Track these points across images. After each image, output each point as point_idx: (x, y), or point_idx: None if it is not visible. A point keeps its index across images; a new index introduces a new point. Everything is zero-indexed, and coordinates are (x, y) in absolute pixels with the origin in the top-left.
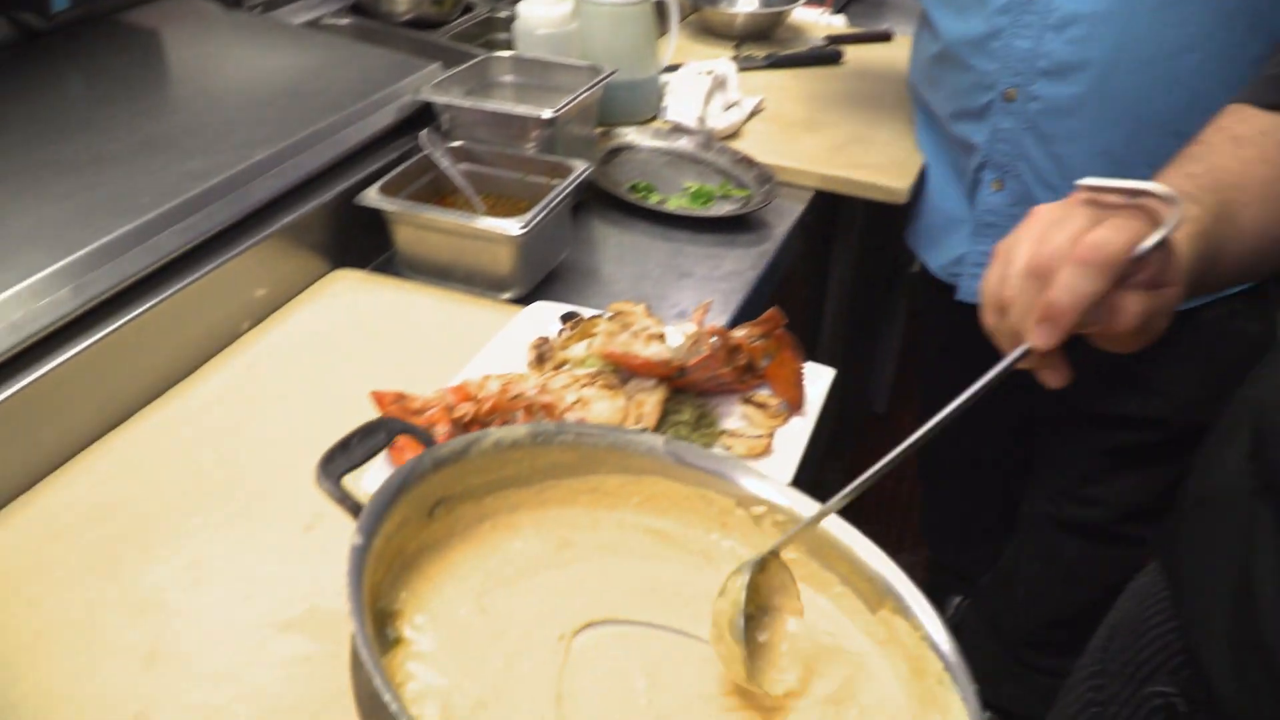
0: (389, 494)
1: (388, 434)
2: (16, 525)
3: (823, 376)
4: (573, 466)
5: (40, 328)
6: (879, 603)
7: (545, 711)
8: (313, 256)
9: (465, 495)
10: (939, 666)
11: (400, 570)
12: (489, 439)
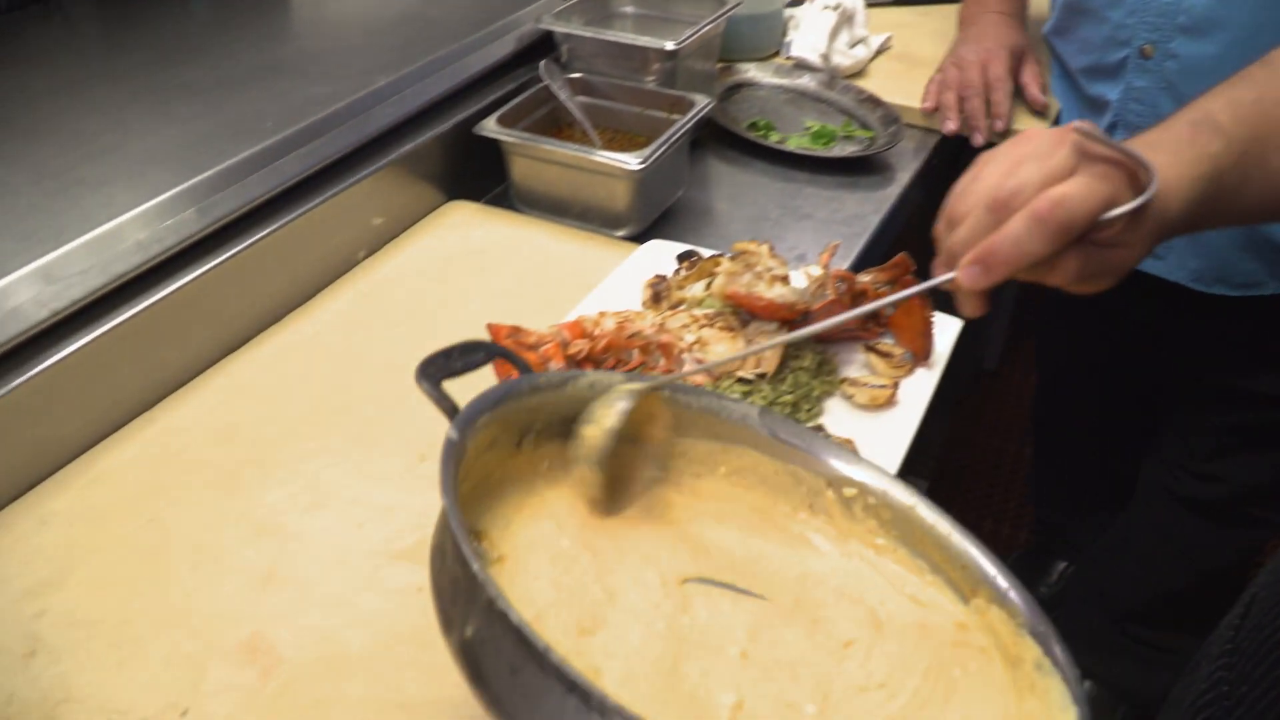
0: (488, 402)
1: (487, 354)
2: (138, 444)
3: (950, 327)
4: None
5: (165, 248)
6: (972, 591)
7: (648, 646)
8: (429, 187)
9: (553, 433)
10: (1037, 652)
11: (484, 494)
12: (585, 379)
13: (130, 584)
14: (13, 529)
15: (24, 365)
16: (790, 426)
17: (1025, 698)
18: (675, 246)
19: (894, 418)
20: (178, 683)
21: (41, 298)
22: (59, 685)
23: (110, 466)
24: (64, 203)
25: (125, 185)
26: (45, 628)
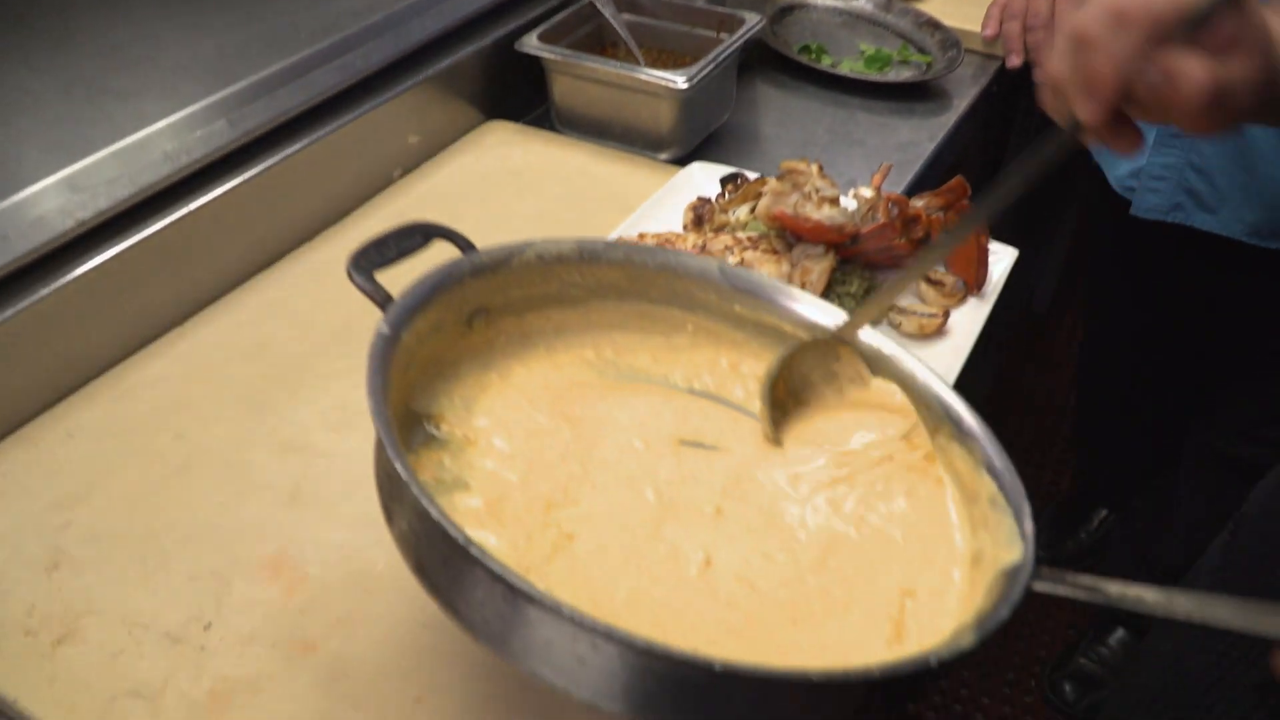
0: (422, 291)
1: (425, 236)
2: (167, 359)
3: (1005, 257)
4: (622, 288)
5: (194, 160)
6: (935, 429)
7: (629, 513)
8: (467, 105)
9: (506, 308)
10: (992, 489)
11: (438, 376)
12: (531, 250)
13: (156, 498)
14: (39, 442)
15: (50, 276)
16: (750, 277)
17: (979, 532)
18: (719, 169)
19: (942, 348)
20: (201, 597)
21: (68, 207)
22: (81, 597)
23: (138, 381)
24: (92, 113)
25: (155, 96)
26: (69, 540)
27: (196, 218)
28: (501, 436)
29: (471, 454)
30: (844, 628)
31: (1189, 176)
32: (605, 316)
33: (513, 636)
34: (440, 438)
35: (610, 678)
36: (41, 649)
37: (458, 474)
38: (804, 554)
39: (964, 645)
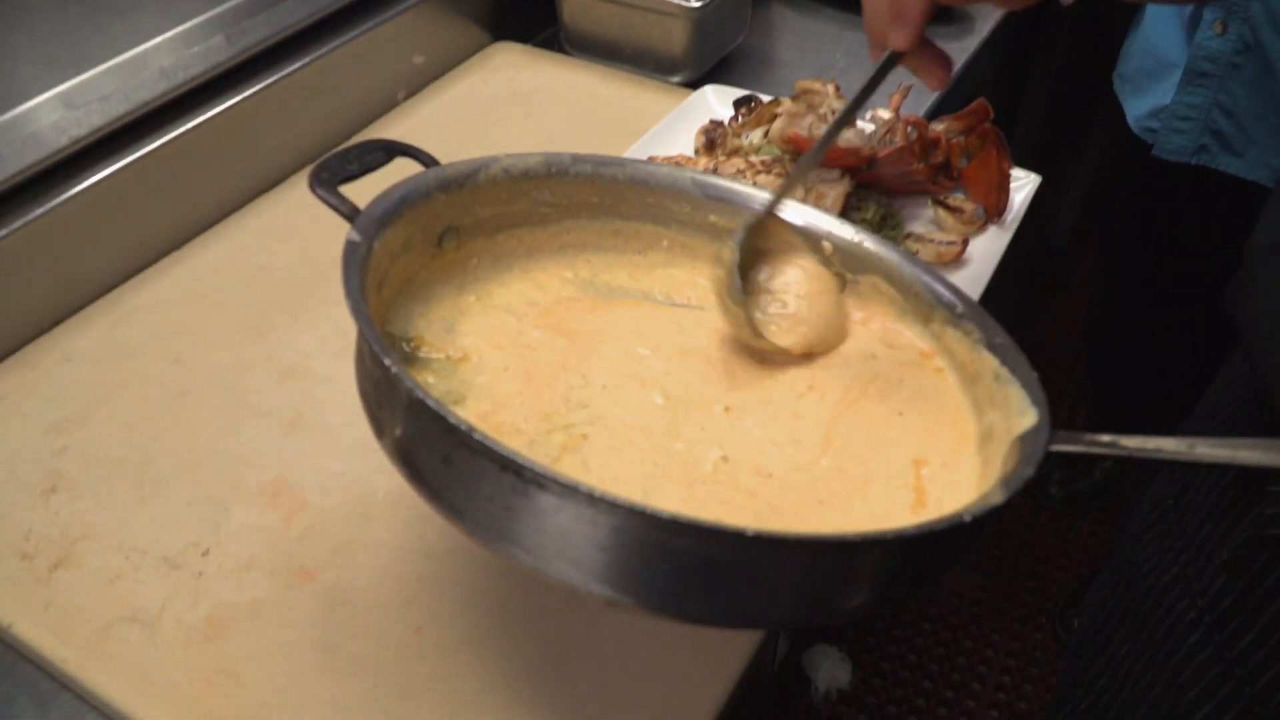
0: (389, 203)
1: (387, 152)
2: (166, 282)
3: (1026, 183)
4: (593, 205)
5: (190, 76)
6: (928, 317)
7: (639, 415)
8: (474, 26)
9: (475, 228)
10: (995, 364)
11: (411, 298)
12: (498, 164)
13: (154, 423)
14: (37, 365)
15: (45, 195)
16: (723, 185)
17: (985, 411)
18: (733, 92)
19: (960, 277)
20: (199, 523)
21: (62, 124)
22: (78, 522)
23: (136, 305)
24: (88, 28)
25: (152, 10)
26: (66, 464)
27: (194, 137)
28: (493, 352)
29: (465, 370)
30: (868, 501)
31: (1216, 117)
32: (578, 236)
33: (526, 531)
34: (422, 358)
35: (638, 564)
36: (38, 573)
37: (448, 390)
38: (812, 440)
39: (994, 501)
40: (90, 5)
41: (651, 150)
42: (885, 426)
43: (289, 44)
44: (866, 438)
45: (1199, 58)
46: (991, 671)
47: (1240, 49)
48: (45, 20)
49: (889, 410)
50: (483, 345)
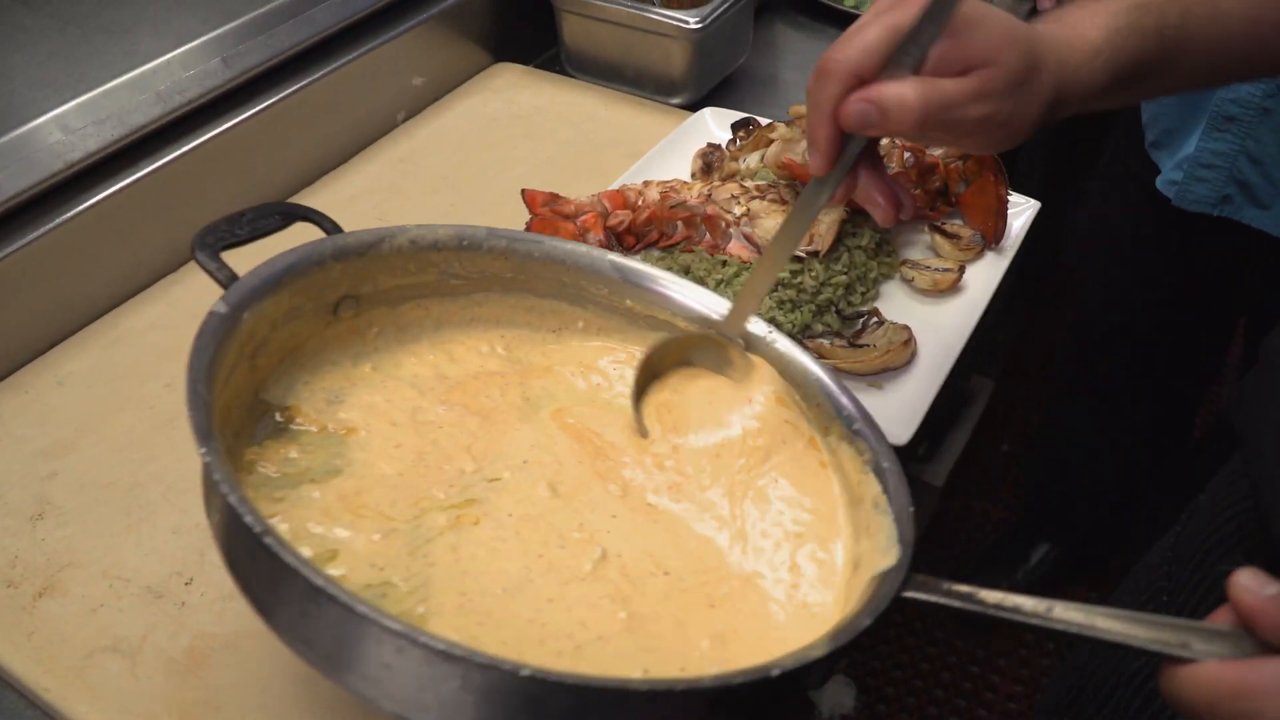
0: (271, 272)
1: (284, 217)
2: (160, 306)
3: (1025, 209)
4: (506, 280)
5: (187, 100)
6: (826, 429)
7: (523, 504)
8: (474, 47)
9: (377, 298)
10: (876, 490)
11: (296, 366)
12: (405, 235)
13: (144, 449)
14: (29, 388)
15: (41, 218)
16: (642, 271)
17: (861, 538)
18: (732, 115)
19: (957, 305)
20: (184, 551)
21: (58, 147)
22: (64, 549)
23: (131, 328)
24: (86, 50)
25: (150, 32)
26: (55, 490)
27: (190, 160)
28: (385, 428)
29: (348, 445)
30: (757, 602)
31: (1242, 165)
32: (490, 310)
33: (315, 634)
34: (293, 430)
35: (419, 686)
36: (22, 601)
37: (314, 465)
38: (690, 559)
39: (813, 655)
40: (88, 27)
41: (648, 174)
42: (778, 516)
43: (287, 66)
44: (763, 528)
45: (1226, 101)
46: (998, 697)
47: (1272, 92)
48: (43, 42)
49: (781, 499)
50: (374, 420)
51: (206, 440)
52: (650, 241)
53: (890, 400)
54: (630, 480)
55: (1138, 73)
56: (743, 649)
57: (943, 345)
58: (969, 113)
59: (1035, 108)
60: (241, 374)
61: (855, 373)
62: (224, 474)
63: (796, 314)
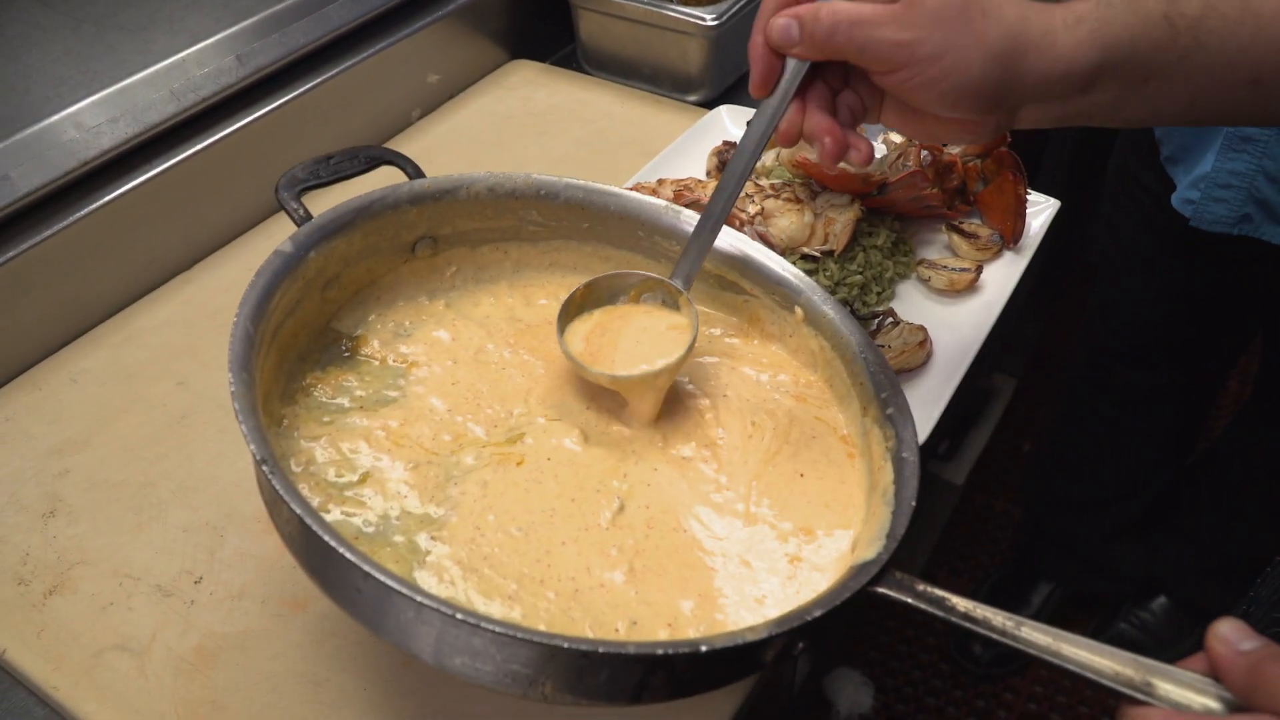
0: (343, 215)
1: (368, 161)
2: (173, 304)
3: (1045, 208)
4: (583, 231)
5: (201, 98)
6: (864, 409)
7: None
8: (490, 44)
9: (456, 239)
10: (889, 479)
11: (372, 299)
12: (483, 182)
13: (155, 447)
14: (43, 386)
15: (55, 217)
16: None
17: (869, 522)
18: (748, 112)
19: (974, 305)
20: (194, 549)
21: (71, 146)
22: (75, 547)
23: (144, 326)
24: (100, 48)
25: (164, 30)
26: (67, 488)
27: (205, 158)
28: (445, 364)
29: (407, 377)
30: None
31: (1261, 184)
32: (568, 257)
33: (365, 607)
34: (357, 359)
35: (498, 660)
36: (33, 599)
37: (370, 394)
38: (707, 521)
39: (746, 638)
40: (103, 25)
41: (663, 171)
42: (798, 498)
43: (301, 65)
44: (777, 498)
45: None
46: (1019, 699)
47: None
48: (58, 41)
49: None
50: (437, 355)
51: (238, 371)
52: None
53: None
54: (672, 433)
55: (1136, 61)
56: (725, 614)
57: (959, 346)
58: (884, 34)
59: (977, 52)
60: (311, 304)
61: None
62: (244, 404)
63: None
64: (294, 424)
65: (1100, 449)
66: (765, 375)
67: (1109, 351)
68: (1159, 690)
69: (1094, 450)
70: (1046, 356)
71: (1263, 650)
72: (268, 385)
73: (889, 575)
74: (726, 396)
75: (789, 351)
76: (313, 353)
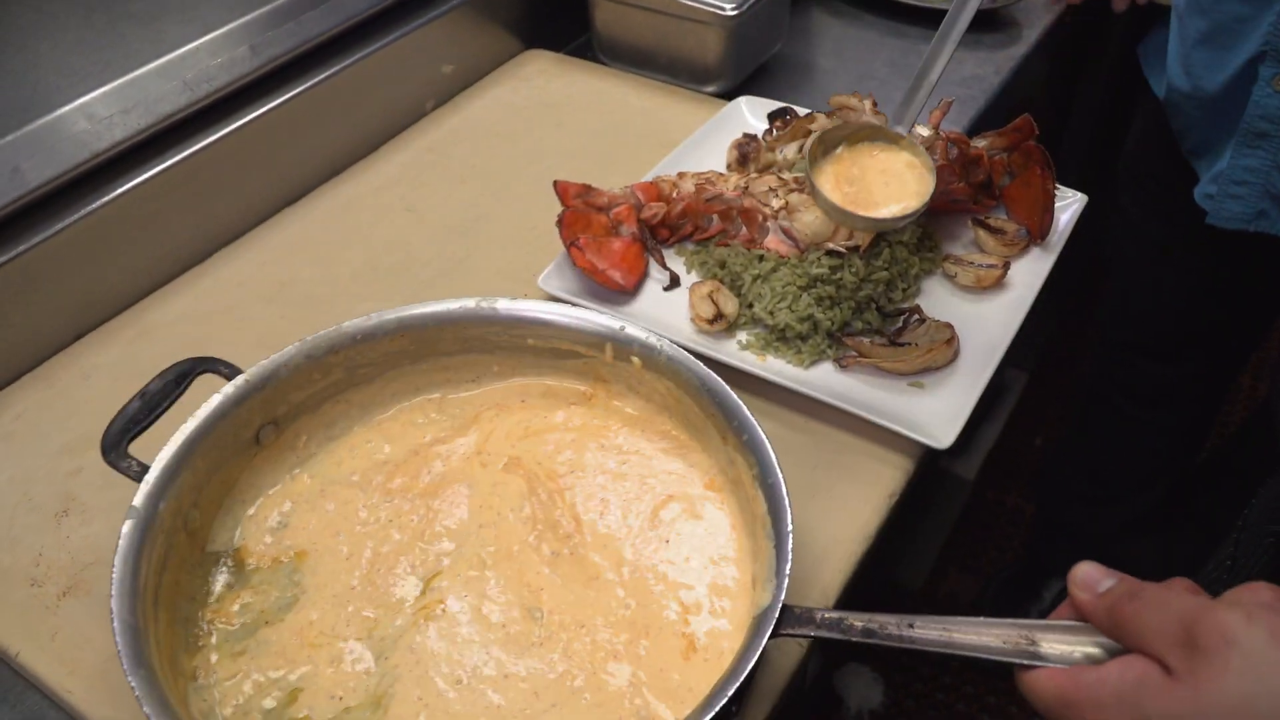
0: (179, 451)
1: (180, 381)
2: (187, 298)
3: (1073, 203)
4: (413, 353)
5: (214, 89)
6: (724, 437)
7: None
8: (504, 34)
9: (295, 412)
10: (764, 509)
11: (237, 503)
12: (299, 353)
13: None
14: (55, 382)
15: (67, 210)
16: (527, 309)
17: (757, 557)
18: (769, 104)
19: (1001, 302)
20: None
21: (83, 138)
22: (88, 547)
23: (157, 320)
24: (111, 38)
25: (176, 20)
26: (80, 486)
27: (218, 150)
28: (331, 540)
29: (301, 569)
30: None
31: (1276, 180)
32: (408, 382)
33: None
34: (247, 573)
35: None
36: (46, 600)
37: (273, 603)
38: (614, 609)
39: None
40: (114, 14)
41: (683, 164)
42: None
43: (315, 55)
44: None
45: (1256, 117)
46: None
47: None
48: (69, 30)
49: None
50: (321, 536)
51: (135, 669)
52: (685, 235)
53: (932, 400)
54: (567, 534)
55: None
56: (661, 693)
57: (987, 343)
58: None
59: None
60: (180, 548)
61: (897, 372)
62: (154, 705)
63: (836, 311)
64: (208, 670)
65: (1115, 443)
66: (621, 438)
67: (1126, 345)
68: (1044, 649)
69: (1108, 444)
70: (1058, 350)
71: (1119, 589)
72: (169, 645)
73: (788, 615)
74: (591, 485)
75: (645, 400)
76: (199, 589)
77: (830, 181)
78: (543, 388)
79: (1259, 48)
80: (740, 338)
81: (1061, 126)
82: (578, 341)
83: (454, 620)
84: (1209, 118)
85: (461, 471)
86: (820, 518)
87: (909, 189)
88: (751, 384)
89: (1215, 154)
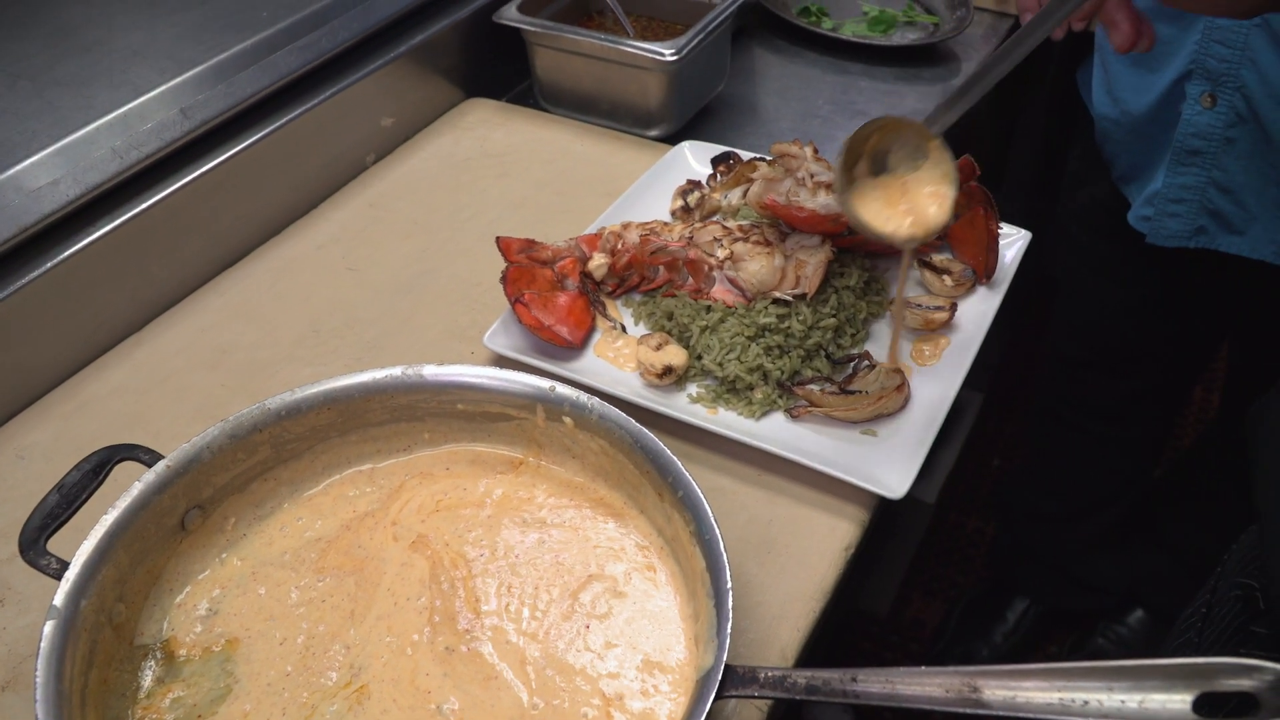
0: (100, 545)
1: (97, 471)
2: (123, 369)
3: (1016, 240)
4: (340, 425)
5: (145, 155)
6: (660, 494)
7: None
8: (444, 83)
9: (221, 494)
10: (702, 566)
11: (165, 592)
12: (221, 433)
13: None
14: None
15: None
16: (455, 375)
17: (698, 617)
18: (712, 148)
19: (951, 344)
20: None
21: (9, 211)
22: (26, 639)
23: (93, 395)
24: (38, 105)
25: (105, 84)
26: (15, 574)
27: (150, 216)
28: (264, 625)
29: (234, 658)
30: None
31: (1213, 196)
32: (337, 455)
33: None
34: (177, 665)
35: None
36: None
37: (205, 694)
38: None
39: None
40: (42, 81)
41: (628, 213)
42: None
43: (248, 115)
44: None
45: (1188, 135)
46: None
47: (1233, 122)
48: None
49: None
50: (253, 621)
51: None
52: (631, 286)
53: (886, 449)
54: (465, 629)
55: None
56: None
57: (937, 386)
58: None
59: None
60: (105, 644)
61: (849, 420)
62: None
63: (785, 360)
64: None
65: (1072, 460)
66: (546, 511)
67: (1077, 361)
68: (986, 696)
69: (1066, 462)
70: (1011, 370)
71: None
72: None
73: (731, 676)
74: (499, 568)
75: (580, 463)
76: (129, 685)
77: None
78: (471, 454)
79: (1185, 66)
80: (690, 390)
81: (1005, 151)
82: (507, 404)
83: (380, 704)
84: (1137, 141)
85: (381, 547)
86: (776, 575)
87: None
88: (703, 438)
89: (1147, 177)
